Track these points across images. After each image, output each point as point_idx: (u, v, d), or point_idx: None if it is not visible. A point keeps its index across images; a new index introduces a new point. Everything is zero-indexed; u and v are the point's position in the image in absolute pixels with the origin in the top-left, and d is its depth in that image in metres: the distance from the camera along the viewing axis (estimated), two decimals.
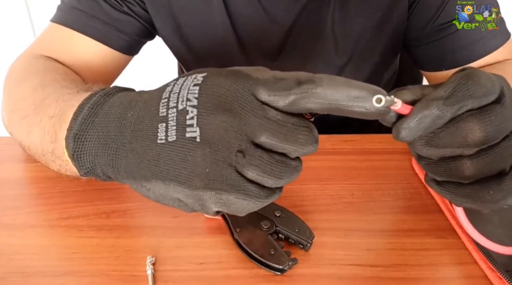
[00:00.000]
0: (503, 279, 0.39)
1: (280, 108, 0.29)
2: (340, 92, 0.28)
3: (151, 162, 0.30)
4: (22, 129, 0.44)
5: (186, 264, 0.41)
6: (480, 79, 0.30)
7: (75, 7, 0.58)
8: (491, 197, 0.31)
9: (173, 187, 0.29)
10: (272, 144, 0.29)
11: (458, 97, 0.29)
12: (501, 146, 0.30)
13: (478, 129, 0.29)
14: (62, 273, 0.40)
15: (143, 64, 0.72)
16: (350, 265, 0.41)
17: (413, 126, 0.29)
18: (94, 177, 0.36)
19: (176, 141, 0.29)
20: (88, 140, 0.34)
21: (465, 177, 0.31)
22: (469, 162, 0.31)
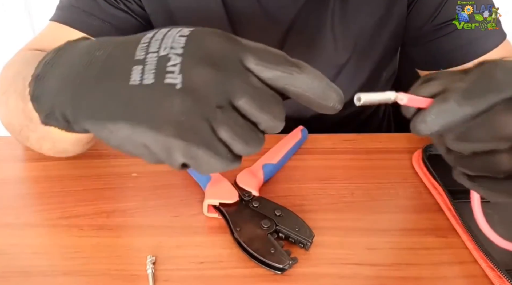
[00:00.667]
0: (503, 278, 0.39)
1: (262, 79, 0.29)
2: (318, 86, 0.29)
3: (120, 102, 0.28)
4: (2, 104, 0.44)
5: (186, 264, 0.41)
6: (500, 71, 0.28)
7: (73, 5, 0.59)
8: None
9: (143, 130, 0.27)
10: (249, 109, 0.28)
11: (478, 91, 0.28)
12: None
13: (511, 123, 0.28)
14: (62, 273, 0.40)
15: None
16: (350, 264, 0.41)
17: (430, 120, 0.28)
18: (53, 124, 0.33)
19: (152, 85, 0.28)
20: (50, 79, 0.32)
21: (502, 171, 0.29)
22: (506, 156, 0.29)
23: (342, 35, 0.62)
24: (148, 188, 0.50)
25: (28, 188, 0.51)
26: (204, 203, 0.46)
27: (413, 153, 0.55)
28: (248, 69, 0.29)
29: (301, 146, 0.56)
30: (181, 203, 0.48)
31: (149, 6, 0.61)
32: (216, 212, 0.46)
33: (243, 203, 0.46)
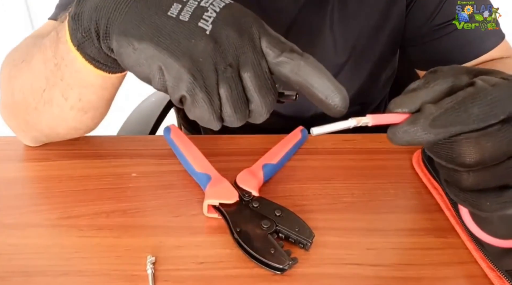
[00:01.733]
0: (503, 279, 0.39)
1: (268, 62, 0.32)
2: (318, 77, 0.32)
3: (153, 26, 0.31)
4: (24, 70, 0.46)
5: (186, 264, 0.41)
6: (479, 103, 0.29)
7: (71, 3, 0.59)
8: (488, 207, 0.31)
9: (165, 55, 0.31)
10: (249, 84, 0.32)
11: (445, 122, 0.29)
12: (502, 166, 0.30)
13: (469, 155, 0.29)
14: (62, 273, 0.40)
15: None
16: (351, 265, 0.41)
17: (399, 136, 0.30)
18: (86, 45, 0.37)
19: (186, 22, 0.31)
20: (90, 1, 0.35)
21: (462, 187, 0.32)
22: (466, 175, 0.31)
23: (341, 36, 0.62)
24: (148, 188, 0.50)
25: (28, 188, 0.51)
26: (204, 203, 0.46)
27: (413, 153, 0.55)
28: (262, 50, 0.32)
29: (301, 146, 0.56)
30: (181, 203, 0.48)
31: None
32: (216, 212, 0.46)
33: (243, 203, 0.46)
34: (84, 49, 0.37)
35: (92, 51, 0.37)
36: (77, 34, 0.36)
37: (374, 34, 0.62)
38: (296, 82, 0.32)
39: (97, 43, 0.36)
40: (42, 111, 0.47)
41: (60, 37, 0.39)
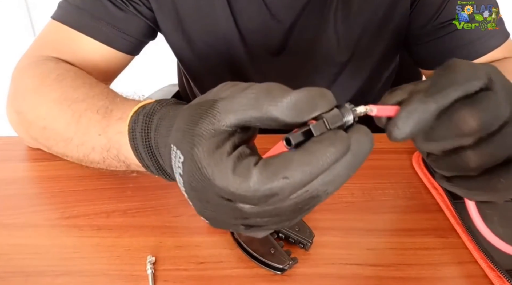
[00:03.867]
0: (503, 278, 0.39)
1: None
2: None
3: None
4: (70, 149, 0.46)
5: (186, 264, 0.41)
6: (460, 66, 0.30)
7: (79, 7, 0.58)
8: (503, 185, 0.30)
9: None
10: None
11: (439, 87, 0.29)
12: (502, 133, 0.30)
13: (470, 117, 0.29)
14: (62, 273, 0.40)
15: (142, 63, 0.72)
16: (350, 265, 0.41)
17: (401, 124, 0.29)
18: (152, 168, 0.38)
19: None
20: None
21: (472, 168, 0.30)
22: (471, 153, 0.30)
23: (344, 34, 0.62)
24: (148, 188, 0.50)
25: (28, 188, 0.51)
26: None
27: (413, 153, 0.55)
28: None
29: None
30: (181, 203, 0.48)
31: (155, 4, 0.61)
32: None
33: None
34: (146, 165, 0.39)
35: (154, 170, 0.38)
36: (160, 176, 0.38)
37: (377, 33, 0.62)
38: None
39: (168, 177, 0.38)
40: (62, 152, 0.48)
41: (121, 144, 0.40)
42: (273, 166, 0.25)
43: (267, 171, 0.25)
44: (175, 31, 0.64)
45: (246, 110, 0.27)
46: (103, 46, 0.59)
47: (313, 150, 0.25)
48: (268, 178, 0.25)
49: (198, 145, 0.27)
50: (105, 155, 0.43)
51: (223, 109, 0.27)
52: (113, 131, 0.41)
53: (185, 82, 0.83)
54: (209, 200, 0.28)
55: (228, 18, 0.62)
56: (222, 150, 0.26)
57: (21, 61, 0.58)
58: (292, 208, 0.27)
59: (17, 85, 0.54)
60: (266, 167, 0.25)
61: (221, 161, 0.26)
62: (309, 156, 0.25)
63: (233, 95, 0.28)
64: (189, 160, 0.28)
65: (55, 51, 0.58)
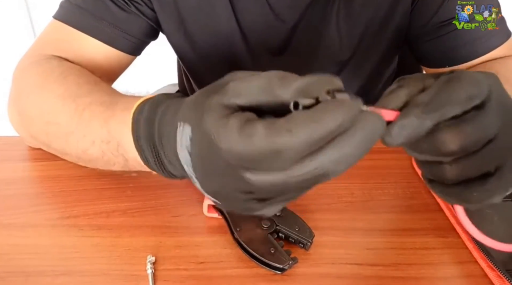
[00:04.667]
0: (503, 278, 0.39)
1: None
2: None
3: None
4: (70, 144, 0.46)
5: (186, 264, 0.41)
6: (464, 83, 0.29)
7: (81, 7, 0.58)
8: (475, 198, 0.31)
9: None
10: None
11: (438, 103, 0.29)
12: (482, 152, 0.30)
13: (452, 142, 0.29)
14: (62, 273, 0.40)
15: (142, 63, 0.72)
16: (350, 264, 0.41)
17: (394, 134, 0.29)
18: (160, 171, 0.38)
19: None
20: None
21: (447, 179, 0.32)
22: (449, 167, 0.31)
23: (346, 33, 0.62)
24: (148, 188, 0.50)
25: (28, 188, 0.51)
26: (204, 203, 0.46)
27: None
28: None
29: None
30: (181, 203, 0.48)
31: (157, 4, 0.61)
32: (216, 212, 0.46)
33: None
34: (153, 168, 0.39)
35: (152, 163, 0.38)
36: (158, 171, 0.38)
37: (379, 31, 0.62)
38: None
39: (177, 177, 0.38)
40: (61, 148, 0.48)
41: (126, 149, 0.40)
42: (277, 122, 0.25)
43: (271, 127, 0.25)
44: (176, 31, 0.64)
45: (257, 92, 0.27)
46: (105, 46, 0.59)
47: (318, 108, 0.25)
48: (272, 133, 0.24)
49: (207, 113, 0.27)
50: (104, 148, 0.42)
51: (234, 89, 0.27)
52: (115, 122, 0.41)
53: (186, 82, 0.83)
54: (216, 171, 0.28)
55: (230, 17, 0.62)
56: (229, 116, 0.26)
57: (23, 60, 0.58)
58: (299, 185, 0.26)
59: (20, 84, 0.54)
60: (270, 124, 0.25)
61: (226, 124, 0.26)
62: (314, 113, 0.24)
63: (245, 78, 0.28)
64: (197, 129, 0.28)
65: (57, 50, 0.57)
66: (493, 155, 0.31)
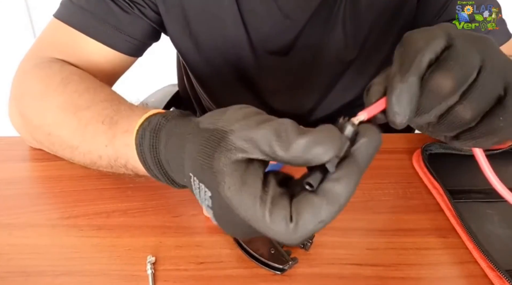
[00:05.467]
0: (503, 278, 0.39)
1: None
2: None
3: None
4: (76, 156, 0.47)
5: (186, 264, 0.41)
6: (416, 34, 0.31)
7: (84, 8, 0.57)
8: (504, 122, 0.31)
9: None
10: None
11: (408, 61, 0.30)
12: (480, 78, 0.30)
13: (444, 79, 0.30)
14: (62, 273, 0.40)
15: (142, 63, 0.72)
16: (350, 265, 0.41)
17: (399, 109, 0.29)
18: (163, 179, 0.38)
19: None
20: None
21: (469, 120, 0.31)
22: (461, 108, 0.30)
23: (352, 33, 0.62)
24: (148, 188, 0.50)
25: (28, 188, 0.51)
26: None
27: (413, 153, 0.55)
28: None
29: None
30: (181, 203, 0.48)
31: (163, 6, 0.61)
32: None
33: None
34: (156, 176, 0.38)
35: (163, 180, 0.38)
36: (171, 185, 0.38)
37: (385, 32, 0.62)
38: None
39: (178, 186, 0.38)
40: (69, 157, 0.49)
41: (129, 156, 0.41)
42: (306, 212, 0.28)
43: (302, 219, 0.28)
44: (182, 34, 0.64)
45: (258, 149, 0.28)
46: (107, 49, 0.59)
47: (335, 190, 0.28)
48: (304, 227, 0.28)
49: (223, 182, 0.28)
50: (112, 163, 0.43)
51: (235, 144, 0.28)
52: (120, 143, 0.41)
53: (187, 83, 0.83)
54: (240, 226, 0.30)
55: (236, 19, 0.61)
56: (249, 189, 0.28)
57: (24, 62, 0.57)
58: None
59: (21, 87, 0.54)
60: (300, 215, 0.28)
61: (254, 205, 0.27)
62: (333, 196, 0.28)
63: (244, 129, 0.28)
64: (218, 197, 0.29)
65: (58, 52, 0.57)
66: (492, 76, 0.30)
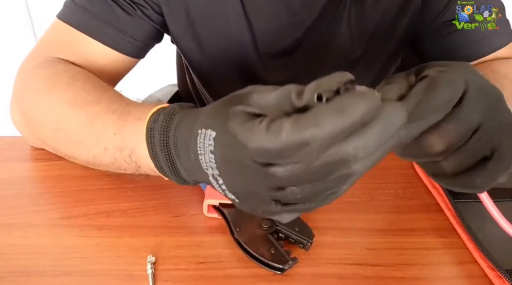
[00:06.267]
0: (503, 278, 0.39)
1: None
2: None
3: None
4: (81, 150, 0.47)
5: (186, 264, 0.41)
6: (441, 88, 0.30)
7: (87, 9, 0.57)
8: (479, 183, 0.32)
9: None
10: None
11: (420, 115, 0.30)
12: (471, 141, 0.31)
13: (437, 144, 0.31)
14: (62, 273, 0.40)
15: (142, 63, 0.72)
16: (350, 265, 0.41)
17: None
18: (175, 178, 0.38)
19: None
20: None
21: (448, 173, 0.33)
22: (446, 163, 0.32)
23: (358, 31, 0.62)
24: (148, 188, 0.50)
25: (28, 188, 0.51)
26: (204, 203, 0.46)
27: None
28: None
29: None
30: (181, 203, 0.48)
31: (166, 7, 0.61)
32: (216, 212, 0.46)
33: None
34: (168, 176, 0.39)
35: (167, 170, 0.38)
36: (172, 178, 0.38)
37: (390, 29, 0.62)
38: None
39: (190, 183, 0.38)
40: (71, 154, 0.49)
41: (139, 155, 0.41)
42: (304, 117, 0.25)
43: (298, 122, 0.25)
44: (185, 34, 0.64)
45: (277, 103, 0.27)
46: (110, 50, 0.59)
47: (342, 100, 0.25)
48: (300, 127, 0.25)
49: (233, 118, 0.28)
50: (117, 155, 0.43)
51: (258, 100, 0.28)
52: (129, 131, 0.41)
53: (190, 83, 0.83)
54: (242, 170, 0.29)
55: (240, 19, 0.61)
56: (256, 120, 0.27)
57: (27, 61, 0.57)
58: (321, 170, 0.27)
59: (25, 86, 0.54)
60: (297, 119, 0.25)
61: (253, 125, 0.27)
62: (338, 104, 0.25)
63: (266, 91, 0.29)
64: (223, 132, 0.29)
65: (61, 52, 0.57)
66: (483, 141, 0.31)
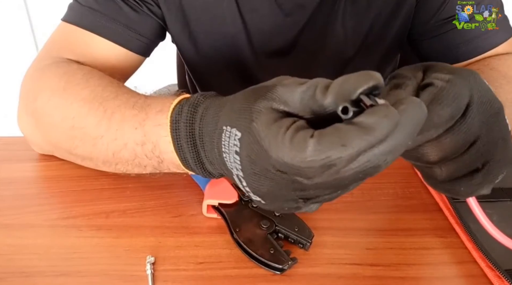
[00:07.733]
0: (502, 278, 0.39)
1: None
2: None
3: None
4: (99, 147, 0.45)
5: (185, 264, 0.41)
6: (446, 103, 0.30)
7: (93, 9, 0.57)
8: (462, 191, 0.34)
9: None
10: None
11: (429, 125, 0.30)
12: (468, 153, 0.32)
13: (433, 154, 0.32)
14: (61, 273, 0.40)
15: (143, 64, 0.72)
16: (350, 264, 0.41)
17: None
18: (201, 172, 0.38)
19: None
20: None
21: (439, 180, 0.34)
22: (439, 170, 0.33)
23: (352, 30, 0.62)
24: (147, 188, 0.50)
25: (27, 188, 0.51)
26: (204, 203, 0.46)
27: None
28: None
29: None
30: (180, 203, 0.48)
31: (164, 5, 0.61)
32: (215, 212, 0.46)
33: (243, 203, 0.46)
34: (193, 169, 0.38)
35: (192, 163, 0.38)
36: (197, 171, 0.38)
37: (384, 28, 0.63)
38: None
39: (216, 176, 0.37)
40: (88, 153, 0.47)
41: (162, 150, 0.40)
42: (329, 135, 0.25)
43: (324, 140, 0.25)
44: (182, 32, 0.64)
45: (302, 101, 0.28)
46: (119, 48, 0.59)
47: (368, 121, 0.25)
48: (325, 147, 0.25)
49: (257, 119, 0.28)
50: (138, 150, 0.41)
51: (283, 96, 0.28)
52: (151, 124, 0.40)
53: (189, 83, 0.83)
54: (266, 174, 0.29)
55: (236, 19, 0.61)
56: (280, 123, 0.27)
57: (36, 63, 0.56)
58: (352, 177, 0.27)
59: (36, 86, 0.52)
60: (322, 137, 0.25)
61: (278, 133, 0.27)
62: (365, 125, 0.25)
63: (292, 85, 0.29)
64: (247, 133, 0.29)
65: (70, 53, 0.56)
66: (478, 154, 0.32)
